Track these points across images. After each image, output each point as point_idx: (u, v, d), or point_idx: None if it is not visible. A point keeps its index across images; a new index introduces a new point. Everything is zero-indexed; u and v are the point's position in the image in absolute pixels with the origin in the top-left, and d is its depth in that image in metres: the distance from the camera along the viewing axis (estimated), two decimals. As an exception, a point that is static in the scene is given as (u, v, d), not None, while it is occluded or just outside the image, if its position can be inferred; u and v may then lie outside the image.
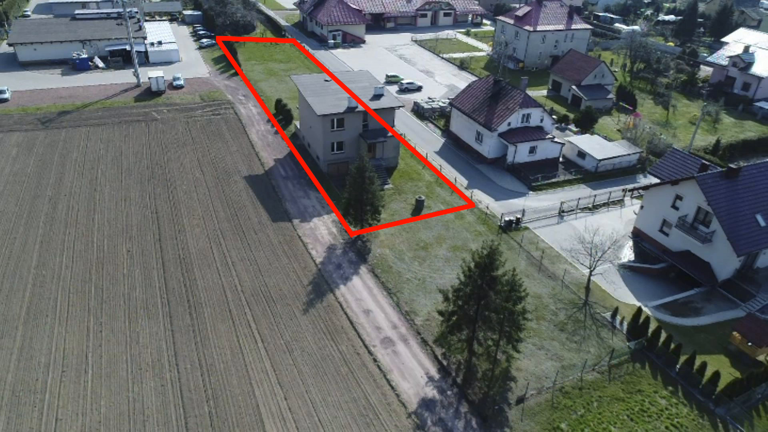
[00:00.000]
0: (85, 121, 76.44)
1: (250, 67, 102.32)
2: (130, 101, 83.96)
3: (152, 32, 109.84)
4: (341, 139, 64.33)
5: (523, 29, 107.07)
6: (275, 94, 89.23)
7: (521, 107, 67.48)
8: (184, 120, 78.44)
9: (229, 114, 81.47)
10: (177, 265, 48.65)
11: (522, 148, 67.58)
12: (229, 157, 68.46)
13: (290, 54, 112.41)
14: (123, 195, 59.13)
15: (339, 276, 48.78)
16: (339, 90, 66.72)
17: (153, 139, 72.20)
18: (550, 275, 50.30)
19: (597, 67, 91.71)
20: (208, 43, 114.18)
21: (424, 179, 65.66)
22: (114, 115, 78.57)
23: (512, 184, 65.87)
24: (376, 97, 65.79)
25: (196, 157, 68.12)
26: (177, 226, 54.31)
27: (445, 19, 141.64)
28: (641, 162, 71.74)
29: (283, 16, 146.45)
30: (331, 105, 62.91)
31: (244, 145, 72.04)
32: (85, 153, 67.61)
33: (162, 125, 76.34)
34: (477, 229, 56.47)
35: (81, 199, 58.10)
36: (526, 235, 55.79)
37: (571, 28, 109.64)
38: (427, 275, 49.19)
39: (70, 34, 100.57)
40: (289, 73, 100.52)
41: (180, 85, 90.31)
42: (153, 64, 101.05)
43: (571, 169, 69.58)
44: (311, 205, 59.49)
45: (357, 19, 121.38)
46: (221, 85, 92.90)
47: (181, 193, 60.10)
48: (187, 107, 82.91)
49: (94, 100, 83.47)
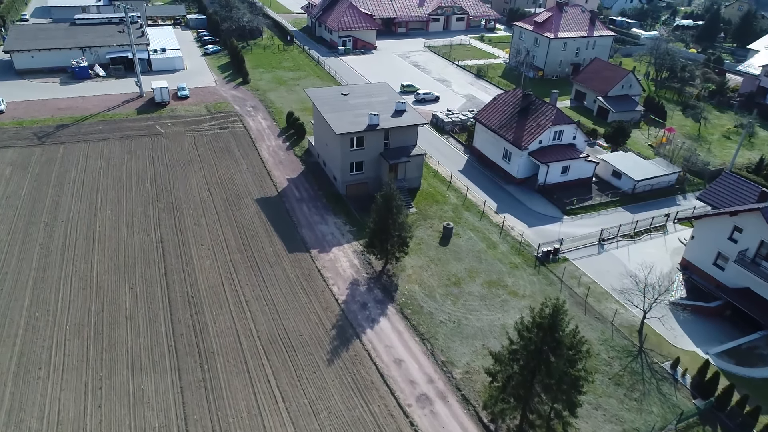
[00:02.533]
0: (84, 135, 71.68)
1: (258, 76, 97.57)
2: (133, 113, 79.20)
3: (155, 38, 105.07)
4: (361, 158, 59.59)
5: (543, 36, 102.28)
6: (285, 106, 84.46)
7: (554, 124, 62.75)
8: (189, 134, 73.68)
9: (238, 127, 76.70)
10: (185, 305, 43.88)
11: (554, 168, 62.83)
12: (239, 177, 63.70)
13: (299, 61, 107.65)
14: (125, 221, 54.37)
15: (365, 318, 44.00)
16: (358, 105, 61.98)
17: (157, 155, 67.44)
18: (598, 316, 45.54)
19: (625, 78, 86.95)
20: (213, 50, 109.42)
21: (450, 202, 60.89)
22: (115, 129, 73.81)
23: (545, 207, 61.07)
24: (397, 113, 61.04)
25: (204, 176, 63.35)
26: (185, 257, 49.55)
27: (457, 23, 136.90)
28: (680, 182, 66.98)
29: (290, 20, 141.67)
30: (350, 122, 58.18)
31: (254, 162, 67.28)
32: (84, 172, 62.85)
33: (166, 140, 71.59)
34: (512, 260, 51.69)
35: (79, 225, 53.33)
36: (566, 267, 51.01)
37: (593, 34, 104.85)
38: (462, 317, 44.41)
39: (69, 41, 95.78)
40: (298, 81, 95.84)
41: (185, 96, 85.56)
42: (156, 72, 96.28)
43: (605, 190, 64.84)
44: (329, 233, 54.71)
45: (368, 24, 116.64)
46: (228, 96, 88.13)
47: (189, 218, 55.34)
48: (192, 120, 78.13)
49: (94, 113, 78.71)
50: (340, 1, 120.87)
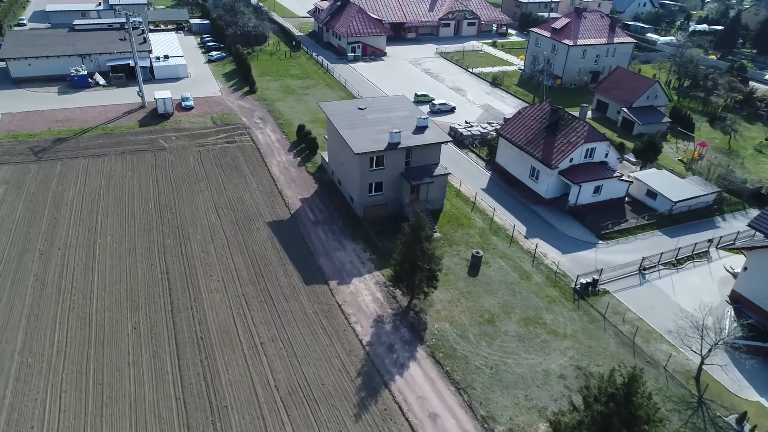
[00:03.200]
0: (83, 150, 67.51)
1: (265, 84, 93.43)
2: (135, 126, 75.04)
3: (157, 44, 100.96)
4: (380, 179, 55.43)
5: (561, 43, 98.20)
6: (295, 117, 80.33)
7: (586, 141, 58.63)
8: (195, 149, 69.51)
9: (246, 141, 72.53)
10: (194, 349, 39.70)
11: (586, 188, 58.70)
12: (248, 197, 59.53)
13: (307, 68, 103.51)
14: (127, 248, 50.18)
15: (392, 362, 39.82)
16: (376, 120, 57.86)
17: (161, 172, 63.28)
18: (649, 359, 41.39)
19: (650, 88, 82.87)
20: (218, 56, 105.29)
21: (476, 225, 56.73)
22: (116, 143, 69.64)
23: (577, 231, 56.92)
24: (419, 130, 56.89)
25: (211, 196, 59.18)
26: (192, 290, 45.35)
27: (468, 28, 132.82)
28: (718, 202, 62.87)
29: (296, 24, 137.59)
30: (370, 140, 54.03)
31: (264, 180, 63.11)
32: (83, 191, 58.66)
33: (171, 155, 67.42)
34: (548, 293, 47.53)
35: (78, 253, 49.14)
36: (607, 301, 46.85)
37: (613, 41, 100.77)
38: (500, 361, 40.23)
39: (67, 48, 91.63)
40: (307, 90, 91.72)
41: (189, 106, 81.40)
42: (159, 81, 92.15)
43: (639, 211, 60.71)
44: (348, 261, 50.53)
45: (378, 29, 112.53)
46: (235, 106, 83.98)
47: (196, 244, 51.16)
48: (198, 133, 73.96)
49: (93, 125, 74.53)
50: (348, 6, 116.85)
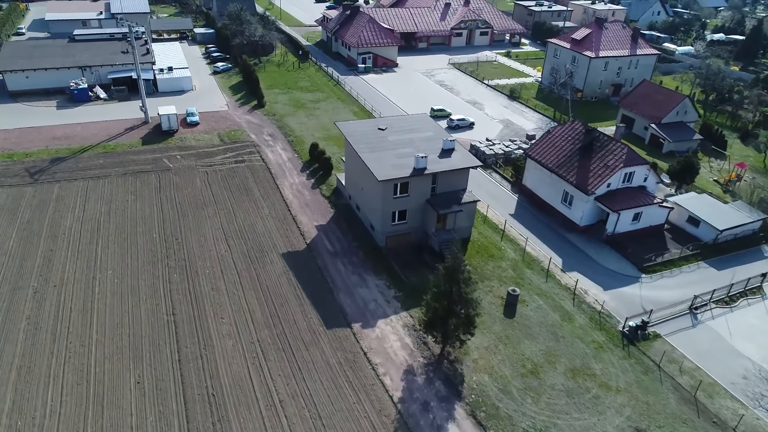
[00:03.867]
0: (82, 171, 63.21)
1: (273, 98, 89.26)
2: (137, 143, 70.77)
3: (161, 55, 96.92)
4: (404, 207, 51.12)
5: (582, 54, 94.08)
6: (306, 134, 76.12)
7: (625, 165, 54.35)
8: (201, 169, 65.22)
9: (255, 161, 68.25)
10: (205, 408, 35.24)
11: (625, 215, 54.37)
12: (260, 224, 55.18)
13: (316, 80, 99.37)
14: (129, 285, 45.80)
15: (428, 424, 35.35)
16: (399, 142, 53.62)
17: (165, 196, 58.96)
18: (715, 419, 36.93)
19: (680, 103, 78.69)
20: (223, 68, 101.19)
21: (507, 257, 52.37)
22: (118, 163, 65.36)
23: (617, 263, 52.52)
24: (445, 153, 52.63)
25: (220, 223, 54.84)
26: (202, 336, 40.95)
27: (481, 38, 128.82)
28: (764, 230, 58.54)
29: (303, 33, 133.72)
30: (393, 166, 49.72)
31: (277, 205, 58.79)
32: (82, 219, 54.32)
33: (176, 177, 63.13)
34: (594, 337, 43.11)
35: (75, 291, 44.76)
36: (660, 347, 42.43)
37: (636, 53, 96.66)
38: (550, 422, 35.78)
39: (67, 59, 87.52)
40: (318, 104, 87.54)
41: (195, 122, 77.15)
42: (162, 94, 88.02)
43: (680, 239, 56.37)
44: (372, 299, 46.12)
45: (390, 40, 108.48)
46: (242, 121, 79.75)
47: (204, 280, 46.77)
48: (204, 152, 69.69)
49: (93, 143, 70.27)
50: (358, 15, 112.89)
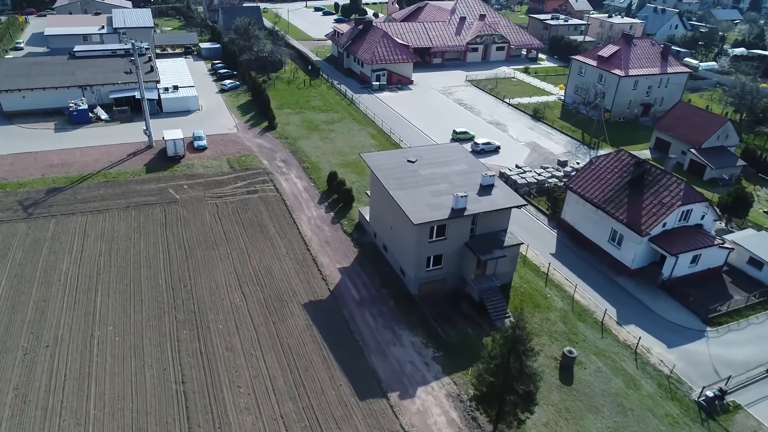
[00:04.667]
0: (81, 204, 57.86)
1: (285, 118, 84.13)
2: (141, 171, 65.49)
3: (165, 72, 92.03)
4: (440, 251, 45.72)
5: (610, 73, 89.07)
6: (322, 159, 70.89)
7: (683, 203, 49.02)
8: (211, 201, 59.88)
9: (269, 190, 62.92)
10: None
11: (683, 258, 48.95)
12: (277, 266, 49.73)
13: (329, 99, 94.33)
14: (132, 344, 40.27)
15: None
16: (432, 177, 48.31)
17: (172, 233, 53.56)
18: None
19: (722, 127, 73.56)
20: (231, 85, 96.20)
21: (555, 306, 46.87)
22: (120, 195, 60.03)
23: (678, 314, 47.00)
24: (484, 190, 47.28)
25: (233, 266, 49.38)
26: (216, 410, 35.36)
27: (497, 53, 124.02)
28: (832, 271, 53.10)
29: (311, 47, 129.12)
30: (429, 206, 44.36)
31: (294, 243, 53.36)
32: (80, 261, 48.88)
33: (183, 210, 57.76)
34: (666, 409, 37.53)
35: (70, 353, 39.23)
36: (744, 421, 36.87)
37: (666, 71, 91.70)
38: None
39: (66, 78, 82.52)
40: (332, 126, 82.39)
41: (202, 147, 71.94)
42: (167, 114, 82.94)
43: (740, 282, 50.92)
44: (408, 360, 40.57)
45: (405, 56, 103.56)
46: (253, 145, 74.53)
47: (218, 337, 41.26)
48: (213, 180, 64.39)
49: (94, 170, 65.00)
50: (372, 31, 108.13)
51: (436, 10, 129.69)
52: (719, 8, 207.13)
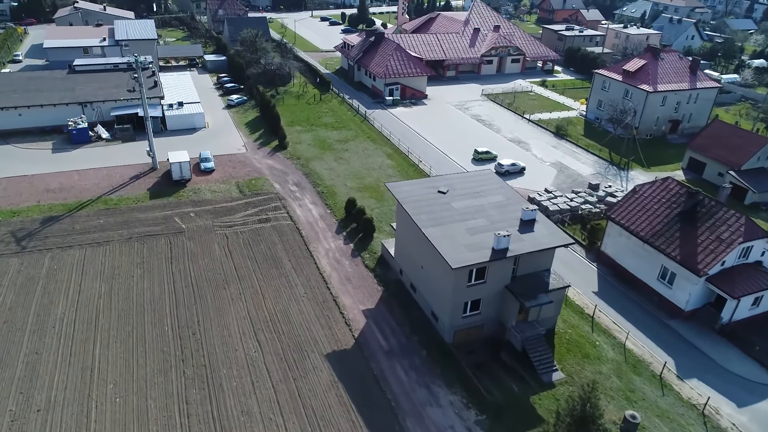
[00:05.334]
0: (79, 235, 53.24)
1: (296, 137, 79.62)
2: (144, 197, 60.91)
3: (169, 87, 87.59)
4: (479, 296, 41.06)
5: (637, 88, 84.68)
6: (337, 183, 66.33)
7: (745, 240, 44.37)
8: (220, 231, 55.26)
9: (282, 219, 58.31)
10: None
11: (745, 301, 44.25)
12: (295, 309, 45.03)
13: (340, 115, 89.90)
14: (135, 406, 35.49)
15: None
16: (466, 211, 43.72)
17: (178, 269, 48.90)
18: None
19: (763, 147, 69.04)
20: (238, 100, 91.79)
21: (606, 356, 42.09)
22: (121, 224, 55.42)
23: (742, 365, 42.19)
24: (526, 226, 42.66)
25: (246, 309, 44.68)
26: (232, 493, 30.63)
27: (512, 66, 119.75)
28: None
29: (319, 59, 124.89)
30: (467, 246, 39.71)
31: (312, 281, 48.67)
32: (77, 304, 44.18)
33: (190, 242, 53.12)
34: (749, 488, 32.77)
35: (65, 419, 34.41)
36: (839, 502, 32.09)
37: (695, 86, 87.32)
38: None
39: (66, 94, 78.17)
40: (346, 145, 77.88)
41: (209, 169, 67.41)
42: (171, 133, 78.47)
43: (806, 325, 46.22)
44: (448, 425, 35.74)
45: (419, 69, 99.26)
46: (264, 167, 69.99)
47: (232, 398, 36.50)
48: (222, 207, 59.79)
49: (93, 196, 60.45)
50: (384, 43, 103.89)
51: (449, 21, 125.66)
52: (732, 17, 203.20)
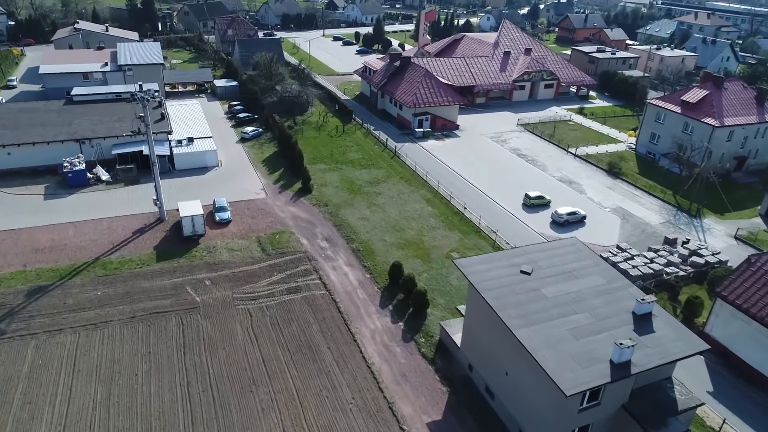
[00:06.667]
0: (72, 313, 43.78)
1: (320, 177, 70.49)
2: (150, 257, 51.56)
3: (177, 118, 78.80)
4: (588, 421, 31.53)
5: (701, 122, 75.76)
6: (374, 237, 57.07)
7: None
8: (242, 306, 45.81)
9: (315, 287, 48.89)
10: None
11: None
12: (342, 424, 35.41)
13: (367, 149, 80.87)
14: None
15: None
16: (561, 302, 34.34)
17: (193, 363, 39.40)
18: None
19: None
20: (254, 133, 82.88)
21: (752, 496, 32.53)
22: (123, 296, 46.01)
23: None
24: (642, 323, 33.25)
25: (282, 424, 35.06)
26: None
27: (545, 91, 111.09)
28: None
29: (335, 83, 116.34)
30: (577, 360, 30.20)
31: (360, 378, 39.13)
32: (65, 420, 34.57)
33: (206, 322, 43.68)
34: None
35: None
36: None
37: (765, 119, 78.43)
38: None
39: (61, 130, 69.33)
40: (377, 186, 68.71)
41: (225, 220, 58.17)
42: (180, 172, 69.41)
43: None
44: None
45: (450, 98, 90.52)
46: (287, 216, 60.78)
47: None
48: (243, 272, 50.39)
49: (90, 256, 51.11)
50: (411, 68, 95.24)
51: (476, 44, 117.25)
52: (760, 37, 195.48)
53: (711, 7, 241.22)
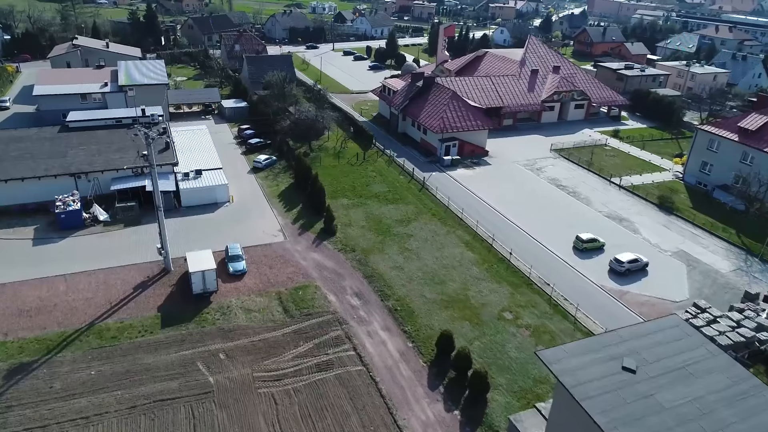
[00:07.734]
0: (59, 402, 36.02)
1: (344, 214, 62.97)
2: (154, 322, 43.85)
3: (183, 147, 71.45)
4: None
5: (764, 152, 68.42)
6: (413, 292, 49.38)
7: None
8: (264, 389, 38.07)
9: (349, 361, 41.16)
10: None
11: None
12: None
13: (391, 180, 73.39)
14: None
15: None
16: (683, 412, 26.55)
17: (208, 474, 31.65)
18: None
19: None
20: (267, 162, 75.43)
21: None
22: (121, 377, 38.26)
23: None
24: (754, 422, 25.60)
25: None
26: None
27: (575, 112, 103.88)
28: None
29: (350, 102, 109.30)
30: None
31: (416, 496, 31.40)
32: None
33: (222, 413, 35.91)
34: None
35: None
36: None
37: (830, 148, 71.10)
38: None
39: (54, 162, 62.03)
40: (408, 226, 61.19)
41: (240, 271, 50.52)
42: (187, 210, 61.91)
43: None
44: None
45: (479, 122, 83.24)
46: (309, 264, 53.15)
47: None
48: (263, 341, 42.66)
49: (83, 321, 43.42)
50: (436, 90, 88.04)
51: (500, 61, 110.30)
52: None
53: (727, 19, 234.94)
